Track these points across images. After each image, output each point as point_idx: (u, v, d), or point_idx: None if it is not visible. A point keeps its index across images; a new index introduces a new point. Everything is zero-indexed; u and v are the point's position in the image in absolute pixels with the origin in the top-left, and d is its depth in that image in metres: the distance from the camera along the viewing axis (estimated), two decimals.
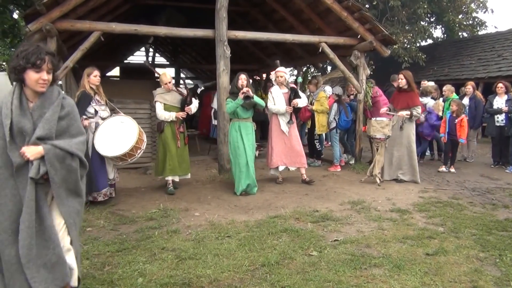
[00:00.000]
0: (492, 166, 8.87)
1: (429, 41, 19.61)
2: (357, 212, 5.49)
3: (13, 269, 2.45)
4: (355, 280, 3.49)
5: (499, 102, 8.57)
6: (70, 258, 2.70)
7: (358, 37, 8.53)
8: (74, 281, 2.73)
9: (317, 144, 8.76)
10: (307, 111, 8.51)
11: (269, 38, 8.62)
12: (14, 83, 2.53)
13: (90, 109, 5.61)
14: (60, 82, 8.58)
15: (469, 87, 9.24)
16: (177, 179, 6.51)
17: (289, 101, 6.82)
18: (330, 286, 3.37)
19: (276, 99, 6.85)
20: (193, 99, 6.54)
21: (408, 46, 16.07)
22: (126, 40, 14.08)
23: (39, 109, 2.50)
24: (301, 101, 6.95)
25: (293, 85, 7.25)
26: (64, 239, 2.68)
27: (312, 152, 9.00)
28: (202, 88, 17.74)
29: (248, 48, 13.76)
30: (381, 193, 6.53)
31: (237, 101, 6.23)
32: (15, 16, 12.80)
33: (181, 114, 6.33)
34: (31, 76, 2.44)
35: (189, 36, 8.10)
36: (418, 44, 17.50)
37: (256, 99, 6.39)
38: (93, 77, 5.64)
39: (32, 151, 2.44)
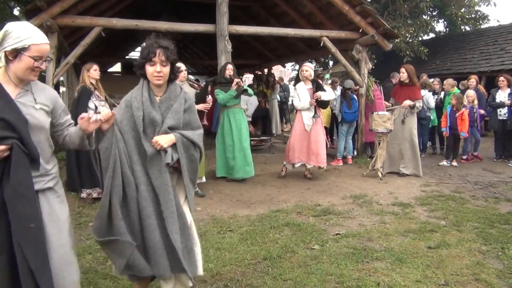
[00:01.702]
0: (494, 159, 8.85)
1: (431, 35, 19.56)
2: (359, 206, 5.49)
3: (158, 254, 2.50)
4: (357, 273, 3.49)
5: (502, 95, 8.53)
6: (198, 248, 2.75)
7: (360, 31, 8.50)
8: (200, 270, 2.75)
9: None
10: None
11: (270, 32, 8.60)
12: (141, 78, 2.63)
13: (91, 104, 5.59)
14: (61, 78, 8.59)
15: (472, 80, 9.20)
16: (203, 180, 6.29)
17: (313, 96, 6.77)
18: (332, 280, 3.38)
19: (301, 95, 6.81)
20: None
21: (410, 40, 16.02)
22: (127, 35, 14.07)
23: (166, 101, 2.61)
24: (326, 95, 6.80)
25: (317, 80, 7.15)
26: (193, 228, 2.76)
27: None
28: (204, 83, 17.75)
29: (249, 43, 13.73)
30: (383, 187, 6.52)
31: (230, 92, 6.38)
32: (16, 12, 12.80)
33: (203, 107, 6.10)
34: (148, 69, 2.54)
35: (190, 31, 8.09)
36: (420, 38, 17.45)
37: (245, 87, 6.59)
38: (92, 71, 5.63)
39: (164, 139, 2.52)
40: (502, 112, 8.50)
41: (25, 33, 2.07)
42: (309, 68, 6.93)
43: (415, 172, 7.25)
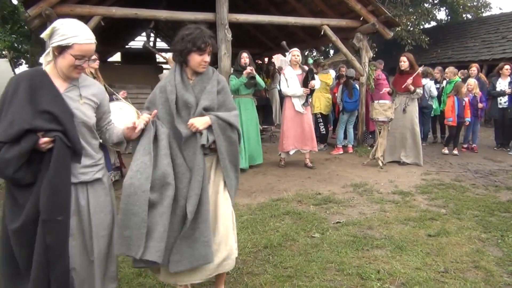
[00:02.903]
0: (495, 148, 8.85)
1: (433, 23, 19.42)
2: (359, 195, 5.51)
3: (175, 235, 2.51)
4: (357, 261, 3.52)
5: (502, 84, 8.50)
6: (233, 237, 2.72)
7: (361, 19, 8.45)
8: (231, 263, 2.68)
9: (321, 127, 8.70)
10: None
11: (270, 21, 8.54)
12: (175, 63, 2.65)
13: None
14: None
15: (474, 68, 9.15)
16: None
17: (303, 83, 6.76)
18: (332, 267, 3.40)
19: (290, 81, 6.79)
20: None
21: (411, 28, 15.91)
22: (127, 24, 13.99)
23: (199, 83, 2.63)
24: (316, 83, 6.89)
25: (309, 67, 7.12)
26: (232, 217, 2.74)
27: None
28: None
29: (249, 32, 13.65)
30: (384, 176, 6.53)
31: (241, 79, 6.46)
32: (15, 1, 12.72)
33: None
34: (195, 58, 2.55)
35: (190, 20, 8.00)
36: (421, 27, 17.32)
37: (258, 79, 6.61)
38: (91, 61, 5.61)
39: (200, 121, 2.53)
40: (503, 101, 8.47)
41: (71, 31, 2.07)
42: (299, 53, 6.97)
43: (416, 161, 7.25)
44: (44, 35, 2.11)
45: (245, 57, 6.61)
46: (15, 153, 1.95)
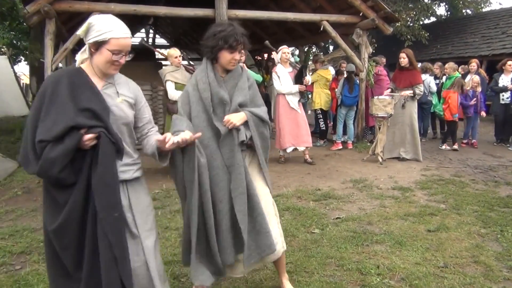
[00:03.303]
0: (495, 144, 8.86)
1: (432, 18, 19.38)
2: (359, 190, 5.51)
3: (226, 240, 2.53)
4: (357, 256, 3.52)
5: (505, 80, 8.49)
6: (278, 227, 2.76)
7: (360, 14, 8.43)
8: (278, 252, 2.70)
9: (321, 122, 8.70)
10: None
11: (270, 17, 8.52)
12: (205, 59, 2.63)
13: None
14: (60, 64, 8.55)
15: (473, 64, 9.15)
16: None
17: (295, 80, 6.76)
18: (332, 263, 3.41)
19: (282, 79, 6.79)
20: None
21: (411, 24, 15.88)
22: (126, 21, 13.94)
23: (231, 80, 2.63)
24: (310, 78, 6.93)
25: (297, 64, 7.16)
26: (275, 208, 2.78)
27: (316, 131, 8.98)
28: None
29: (249, 28, 13.51)
30: (383, 171, 6.54)
31: None
32: None
33: None
34: (226, 56, 2.54)
35: (189, 16, 8.02)
36: (421, 22, 17.28)
37: (251, 73, 6.46)
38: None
39: (236, 117, 2.54)
40: (505, 97, 8.46)
41: (106, 26, 2.05)
42: (288, 50, 7.02)
43: (415, 157, 7.25)
44: (80, 32, 2.09)
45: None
46: (59, 152, 1.91)
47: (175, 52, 6.15)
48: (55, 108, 1.97)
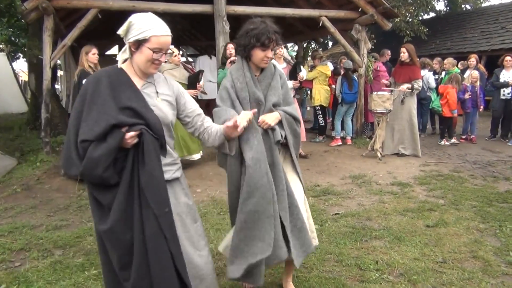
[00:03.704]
0: (486, 139, 8.86)
1: (432, 14, 19.34)
2: (358, 186, 5.52)
3: (278, 238, 2.51)
4: (355, 252, 3.53)
5: (506, 75, 8.48)
6: (311, 223, 2.80)
7: (359, 10, 8.40)
8: (312, 247, 2.73)
9: (320, 119, 8.69)
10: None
11: (268, 12, 8.47)
12: (239, 58, 2.65)
13: None
14: (58, 61, 8.53)
15: (473, 59, 9.15)
16: (197, 157, 6.37)
17: (289, 76, 6.75)
18: (331, 258, 3.42)
19: None
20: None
21: (410, 19, 15.84)
22: (125, 17, 13.91)
23: (264, 79, 2.64)
24: (303, 74, 6.92)
25: (291, 60, 7.17)
26: (307, 205, 2.83)
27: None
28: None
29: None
30: (382, 167, 6.54)
31: (224, 70, 6.30)
32: None
33: (193, 92, 6.09)
34: (258, 54, 2.55)
35: (187, 12, 7.99)
36: (420, 17, 17.25)
37: None
38: (91, 55, 5.60)
39: (271, 117, 2.55)
40: (506, 92, 8.45)
41: (147, 25, 2.03)
42: (282, 47, 6.98)
43: (414, 153, 7.26)
44: (120, 31, 2.07)
45: (230, 48, 6.44)
46: (103, 151, 1.90)
47: (172, 49, 6.13)
48: (96, 108, 1.96)
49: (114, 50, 18.78)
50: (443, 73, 9.42)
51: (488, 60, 13.16)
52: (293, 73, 6.74)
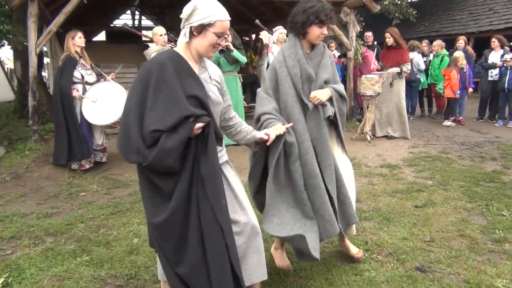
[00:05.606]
0: (474, 120, 8.96)
1: None
2: None
3: (328, 212, 2.60)
4: None
5: (494, 56, 8.54)
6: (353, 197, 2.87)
7: None
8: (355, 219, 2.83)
9: None
10: None
11: None
12: (292, 36, 2.71)
13: (76, 74, 5.50)
14: (44, 48, 8.39)
15: (461, 41, 9.18)
16: None
17: None
18: None
19: None
20: None
21: (399, 1, 15.79)
22: (111, 2, 13.69)
23: (315, 57, 2.71)
24: None
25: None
26: (353, 180, 2.89)
27: None
28: None
29: (236, 8, 13.42)
30: (372, 150, 6.59)
31: (216, 54, 6.27)
32: None
33: None
34: (315, 31, 2.62)
35: None
36: (409, 0, 17.20)
37: (235, 52, 6.47)
38: (77, 38, 5.50)
39: (323, 93, 2.64)
40: (494, 73, 8.52)
41: (212, 9, 2.03)
42: (285, 31, 6.94)
43: (403, 135, 7.32)
44: (184, 15, 2.05)
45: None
46: (175, 142, 1.89)
47: (159, 30, 6.02)
48: (163, 96, 1.94)
49: (101, 36, 18.52)
50: (431, 55, 9.45)
51: (476, 41, 13.21)
52: None
